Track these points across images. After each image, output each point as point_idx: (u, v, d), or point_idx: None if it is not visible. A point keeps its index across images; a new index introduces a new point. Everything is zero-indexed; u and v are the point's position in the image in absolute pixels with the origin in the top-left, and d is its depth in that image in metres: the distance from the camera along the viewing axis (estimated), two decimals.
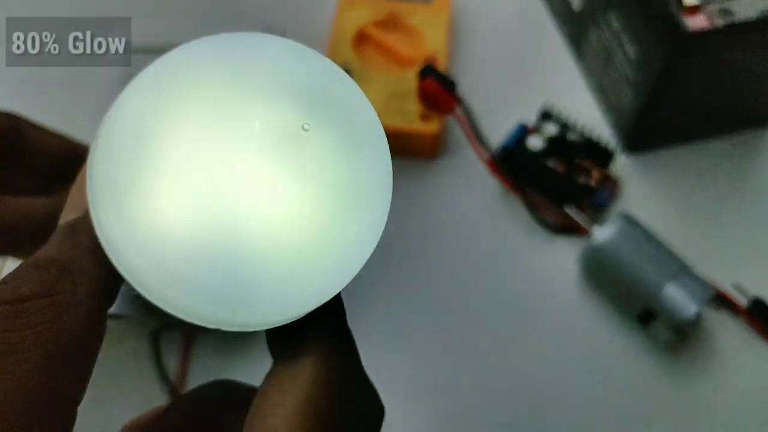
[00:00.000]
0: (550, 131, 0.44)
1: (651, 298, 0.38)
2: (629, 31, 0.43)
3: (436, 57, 0.47)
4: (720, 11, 0.39)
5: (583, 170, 0.44)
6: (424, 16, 0.49)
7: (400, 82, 0.46)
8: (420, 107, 0.45)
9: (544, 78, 0.51)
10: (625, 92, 0.45)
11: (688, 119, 0.45)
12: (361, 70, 0.46)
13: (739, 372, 0.39)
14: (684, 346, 0.39)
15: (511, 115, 0.46)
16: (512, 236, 0.43)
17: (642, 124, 0.44)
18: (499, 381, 0.39)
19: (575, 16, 0.50)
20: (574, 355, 0.39)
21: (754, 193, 0.46)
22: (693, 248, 0.41)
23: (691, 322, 0.37)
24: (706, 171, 0.46)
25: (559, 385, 0.39)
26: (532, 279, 0.42)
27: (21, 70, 0.36)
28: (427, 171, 0.46)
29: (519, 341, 0.40)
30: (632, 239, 0.39)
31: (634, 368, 0.39)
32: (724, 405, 0.38)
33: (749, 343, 0.40)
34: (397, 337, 0.40)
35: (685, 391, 0.39)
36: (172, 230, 0.14)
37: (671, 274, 0.38)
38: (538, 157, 0.43)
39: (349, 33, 0.48)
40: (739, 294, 0.40)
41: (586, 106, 0.49)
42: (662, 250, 0.39)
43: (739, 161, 0.47)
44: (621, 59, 0.45)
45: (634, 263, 0.38)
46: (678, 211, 0.45)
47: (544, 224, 0.43)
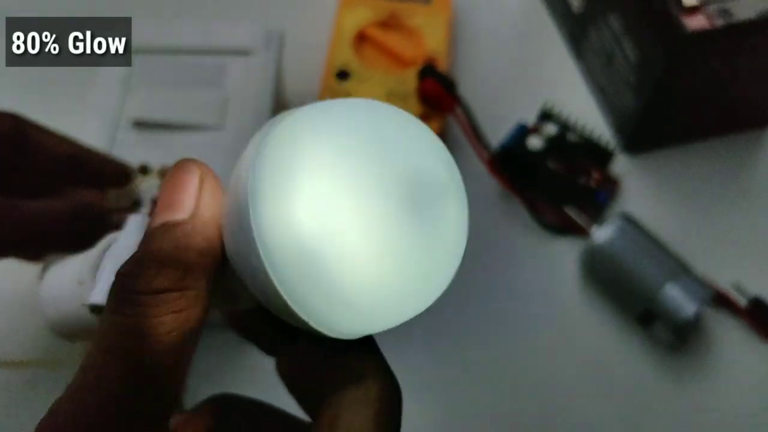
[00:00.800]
0: (549, 131, 0.44)
1: (650, 298, 0.38)
2: (629, 31, 0.43)
3: (436, 57, 0.47)
4: (719, 12, 0.39)
5: (582, 170, 0.44)
6: (424, 16, 0.49)
7: (400, 83, 0.46)
8: (420, 107, 0.45)
9: (544, 78, 0.51)
10: (625, 93, 0.45)
11: (687, 119, 0.46)
12: (362, 71, 0.47)
13: (739, 371, 0.39)
14: (684, 346, 0.39)
15: (510, 115, 0.46)
16: (512, 236, 0.43)
17: (641, 124, 0.44)
18: (499, 380, 0.39)
19: (575, 17, 0.50)
20: (574, 354, 0.40)
21: (753, 192, 0.46)
22: (692, 248, 0.41)
23: (691, 322, 0.37)
24: (706, 171, 0.46)
25: (559, 385, 0.39)
26: (531, 279, 0.42)
27: (21, 70, 0.36)
28: None
29: (518, 341, 0.40)
30: (632, 240, 0.39)
31: (635, 368, 0.39)
32: (725, 404, 0.38)
33: (749, 342, 0.40)
34: (395, 337, 0.40)
35: (686, 390, 0.39)
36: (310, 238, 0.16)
37: (671, 275, 0.38)
38: (538, 157, 0.43)
39: (349, 33, 0.48)
40: (738, 294, 0.40)
41: (586, 107, 0.49)
42: (662, 251, 0.39)
43: (738, 161, 0.47)
44: (620, 60, 0.45)
45: (633, 263, 0.39)
46: (677, 211, 0.45)
47: (544, 224, 0.43)
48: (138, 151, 0.38)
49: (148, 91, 0.40)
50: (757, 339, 0.40)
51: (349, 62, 0.47)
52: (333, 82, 0.46)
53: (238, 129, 0.39)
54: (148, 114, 0.39)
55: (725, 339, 0.40)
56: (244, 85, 0.41)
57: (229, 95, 0.40)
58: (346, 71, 0.47)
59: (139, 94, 0.40)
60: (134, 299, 0.16)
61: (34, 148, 0.33)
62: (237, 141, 0.39)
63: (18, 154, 0.33)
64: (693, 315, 0.37)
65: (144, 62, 0.42)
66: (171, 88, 0.41)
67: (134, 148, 0.38)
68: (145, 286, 0.16)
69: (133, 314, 0.15)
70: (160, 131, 0.39)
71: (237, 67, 0.42)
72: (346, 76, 0.46)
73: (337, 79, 0.46)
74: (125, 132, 0.39)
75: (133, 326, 0.15)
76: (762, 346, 0.40)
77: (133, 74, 0.41)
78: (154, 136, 0.39)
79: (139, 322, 0.15)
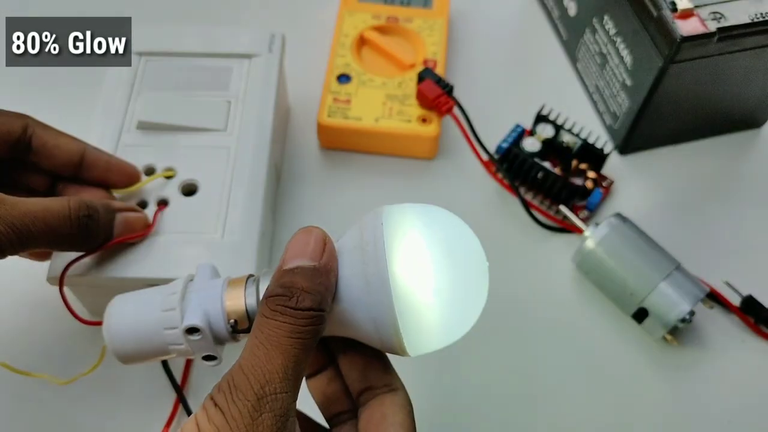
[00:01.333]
0: (545, 133, 0.45)
1: (644, 296, 0.38)
2: (623, 34, 0.44)
3: (435, 60, 0.48)
4: (712, 15, 0.40)
5: (577, 171, 0.45)
6: (423, 20, 0.50)
7: (400, 85, 0.47)
8: (419, 110, 0.46)
9: (540, 81, 0.52)
10: (619, 95, 0.46)
11: (680, 121, 0.46)
12: (362, 74, 0.47)
13: (732, 368, 0.40)
14: (677, 344, 0.40)
15: (507, 117, 0.47)
16: (508, 235, 0.44)
17: (635, 125, 0.45)
18: (494, 376, 0.39)
19: (571, 21, 0.51)
20: (568, 351, 0.40)
21: (745, 192, 0.46)
22: (685, 247, 0.41)
23: (684, 320, 0.38)
24: (699, 171, 0.47)
25: (554, 381, 0.39)
26: (527, 277, 0.42)
27: (21, 70, 0.36)
28: (425, 171, 0.47)
29: (514, 339, 0.40)
30: (626, 239, 0.40)
31: (629, 364, 0.40)
32: (718, 400, 0.39)
33: (741, 339, 0.40)
34: None
35: (679, 386, 0.39)
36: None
37: (664, 273, 0.38)
38: (534, 158, 0.44)
39: (350, 37, 0.49)
40: (731, 292, 0.41)
41: (581, 108, 0.50)
42: (655, 250, 0.40)
43: (731, 161, 0.48)
44: (615, 62, 0.45)
45: (627, 262, 0.39)
46: (671, 210, 0.45)
47: (540, 224, 0.44)
48: (143, 153, 0.38)
49: (153, 93, 0.41)
50: (750, 336, 0.40)
51: (350, 65, 0.48)
52: (334, 85, 0.47)
53: (241, 131, 0.39)
54: (153, 116, 0.39)
55: (718, 337, 0.40)
56: (247, 88, 0.41)
57: (233, 98, 0.41)
58: (347, 74, 0.47)
59: (145, 97, 0.41)
60: (286, 312, 0.23)
61: (42, 149, 0.33)
62: (240, 143, 0.39)
63: (27, 154, 0.34)
64: (686, 313, 0.37)
65: (149, 65, 0.42)
66: (176, 91, 0.41)
67: (139, 150, 0.38)
68: (295, 304, 0.23)
69: (285, 321, 0.22)
70: (165, 133, 0.39)
71: (240, 71, 0.42)
72: (347, 79, 0.47)
73: (338, 82, 0.47)
74: (131, 134, 0.39)
75: (293, 333, 0.22)
76: (754, 343, 0.40)
77: (139, 77, 0.42)
78: (158, 138, 0.39)
79: (297, 331, 0.22)
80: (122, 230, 0.33)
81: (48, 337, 0.39)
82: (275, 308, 0.23)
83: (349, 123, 0.45)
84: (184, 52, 0.43)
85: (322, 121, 0.45)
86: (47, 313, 0.39)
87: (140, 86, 0.41)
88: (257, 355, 0.22)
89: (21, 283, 0.39)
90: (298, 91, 0.49)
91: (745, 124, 0.49)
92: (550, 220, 0.44)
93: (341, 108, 0.46)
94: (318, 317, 0.23)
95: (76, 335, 0.37)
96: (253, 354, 0.22)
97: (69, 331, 0.38)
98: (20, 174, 0.35)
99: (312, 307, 0.23)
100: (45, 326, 0.39)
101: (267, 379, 0.22)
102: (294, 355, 0.22)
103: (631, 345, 0.40)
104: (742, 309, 0.41)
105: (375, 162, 0.47)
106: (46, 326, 0.39)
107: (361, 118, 0.45)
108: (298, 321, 0.23)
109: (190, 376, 0.38)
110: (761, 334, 0.40)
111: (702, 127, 0.48)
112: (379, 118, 0.45)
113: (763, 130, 0.49)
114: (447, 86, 0.45)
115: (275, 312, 0.23)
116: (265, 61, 0.42)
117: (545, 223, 0.44)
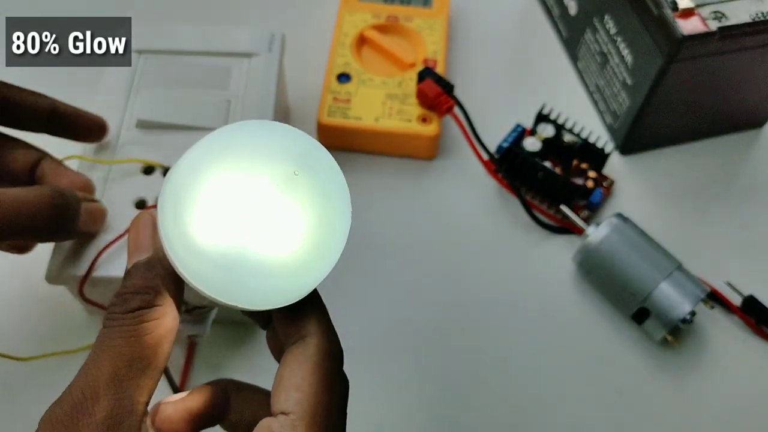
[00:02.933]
0: (546, 132, 0.45)
1: (645, 296, 0.38)
2: (624, 33, 0.44)
3: (435, 60, 0.48)
4: (713, 15, 0.40)
5: (578, 171, 0.45)
6: (423, 19, 0.50)
7: (400, 85, 0.47)
8: (419, 109, 0.46)
9: (541, 80, 0.52)
10: (620, 94, 0.46)
11: (681, 121, 0.46)
12: (362, 73, 0.47)
13: (733, 368, 0.39)
14: (678, 344, 0.39)
15: (508, 116, 0.47)
16: (509, 235, 0.44)
17: (636, 125, 0.45)
18: (494, 376, 0.39)
19: (572, 20, 0.51)
20: (569, 351, 0.40)
21: (747, 192, 0.46)
22: (686, 247, 0.41)
23: (685, 321, 0.38)
24: (700, 171, 0.47)
25: (554, 381, 0.39)
26: (528, 277, 0.42)
27: (21, 70, 0.36)
28: (426, 171, 0.46)
29: (515, 338, 0.40)
30: (626, 239, 0.40)
31: (629, 365, 0.39)
32: (719, 400, 0.39)
33: (742, 340, 0.40)
34: (394, 334, 0.40)
35: (680, 387, 0.39)
36: (210, 240, 0.21)
37: (665, 273, 0.38)
38: (535, 157, 0.44)
39: (350, 36, 0.49)
40: (732, 292, 0.41)
41: (582, 108, 0.50)
42: (656, 250, 0.39)
43: (732, 161, 0.48)
44: (616, 62, 0.45)
45: (628, 262, 0.39)
46: (672, 210, 0.45)
47: (540, 223, 0.44)
48: (142, 151, 0.38)
49: (152, 92, 0.41)
50: (751, 336, 0.40)
51: (350, 65, 0.48)
52: (334, 84, 0.47)
53: None
54: (152, 115, 0.39)
55: (719, 337, 0.40)
56: (247, 87, 0.41)
57: (232, 97, 0.41)
58: (347, 73, 0.47)
59: (144, 95, 0.41)
60: (116, 317, 0.22)
61: (15, 105, 0.34)
62: None
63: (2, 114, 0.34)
64: (687, 313, 0.37)
65: (149, 64, 0.42)
66: (175, 90, 0.41)
67: (139, 148, 0.38)
68: (123, 303, 0.22)
69: (115, 326, 0.22)
70: (164, 132, 0.39)
71: (240, 70, 0.42)
72: (346, 79, 0.47)
73: (338, 82, 0.47)
74: (130, 132, 0.39)
75: (121, 334, 0.22)
76: (755, 343, 0.40)
77: (138, 76, 0.42)
78: (158, 137, 0.39)
79: (124, 331, 0.22)
80: (85, 219, 0.34)
81: (47, 333, 0.39)
82: (108, 317, 0.23)
83: (349, 122, 0.45)
84: (183, 51, 0.43)
85: (321, 120, 0.45)
86: (47, 312, 0.39)
87: (139, 84, 0.41)
88: (86, 362, 0.22)
89: (19, 282, 0.39)
90: (297, 91, 0.48)
91: (746, 123, 0.49)
92: (550, 220, 0.44)
93: (341, 107, 0.46)
94: (149, 313, 0.22)
95: (76, 335, 0.37)
96: (84, 364, 0.22)
97: (68, 331, 0.39)
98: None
99: (140, 306, 0.22)
100: (45, 326, 0.39)
101: (88, 385, 0.21)
102: (126, 355, 0.22)
103: (631, 345, 0.40)
104: (743, 309, 0.41)
105: (375, 162, 0.47)
106: (46, 326, 0.39)
107: (361, 118, 0.45)
108: (126, 323, 0.22)
109: (190, 375, 0.38)
110: (762, 334, 0.40)
111: (703, 126, 0.48)
112: (379, 118, 0.45)
113: (764, 130, 0.49)
114: (447, 86, 0.45)
115: (108, 320, 0.23)
116: (265, 60, 0.42)
117: (546, 223, 0.44)
